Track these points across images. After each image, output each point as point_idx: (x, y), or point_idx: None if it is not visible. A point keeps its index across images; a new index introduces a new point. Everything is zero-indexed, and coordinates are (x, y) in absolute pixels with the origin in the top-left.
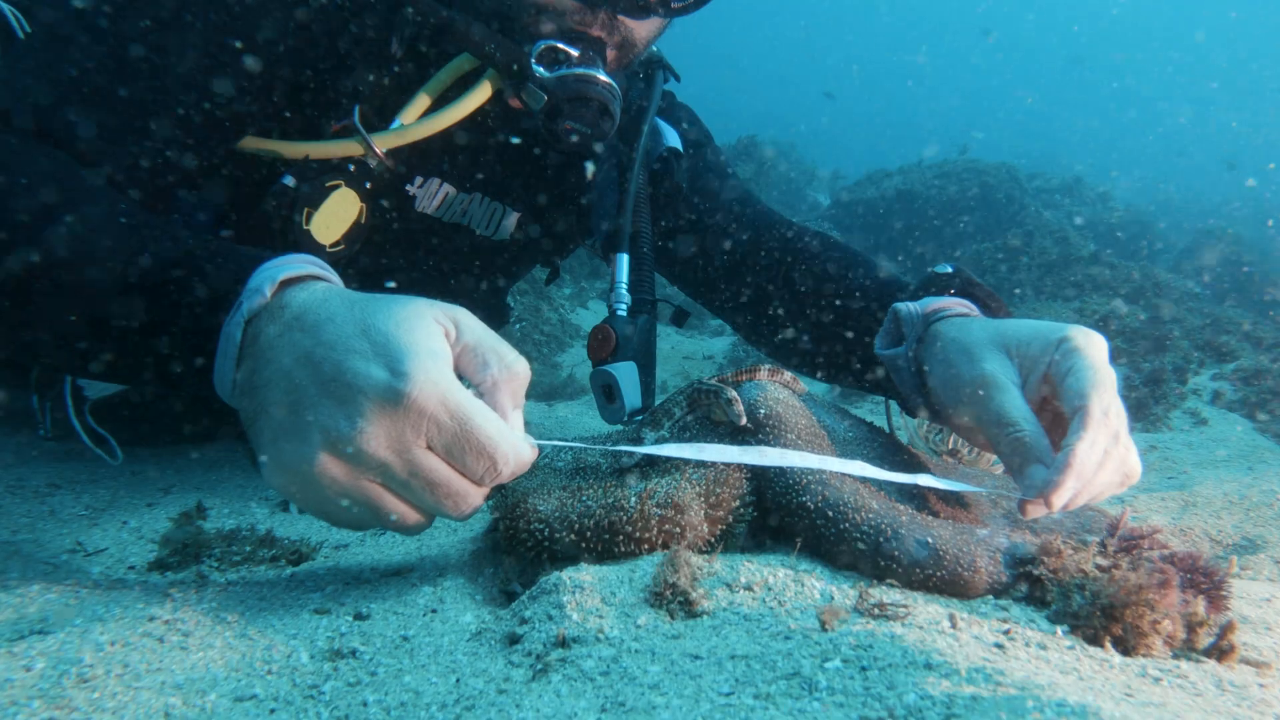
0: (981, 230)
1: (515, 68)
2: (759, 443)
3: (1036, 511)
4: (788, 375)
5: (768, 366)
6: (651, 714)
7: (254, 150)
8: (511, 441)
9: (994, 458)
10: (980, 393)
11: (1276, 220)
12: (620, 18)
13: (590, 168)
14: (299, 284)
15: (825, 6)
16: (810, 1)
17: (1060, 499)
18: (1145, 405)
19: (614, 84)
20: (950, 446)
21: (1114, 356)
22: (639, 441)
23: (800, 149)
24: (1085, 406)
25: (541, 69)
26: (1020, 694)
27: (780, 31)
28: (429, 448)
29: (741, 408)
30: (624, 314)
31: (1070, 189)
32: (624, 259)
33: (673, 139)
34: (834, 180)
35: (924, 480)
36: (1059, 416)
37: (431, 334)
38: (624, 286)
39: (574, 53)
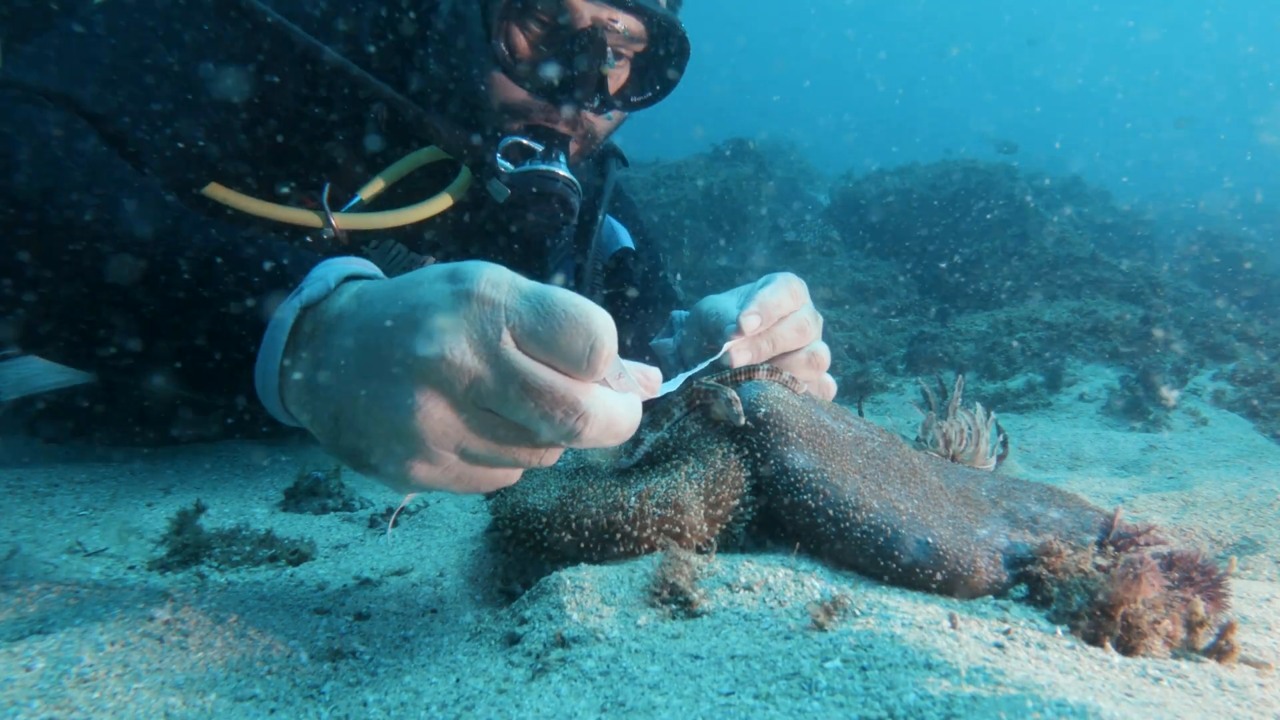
0: (981, 230)
1: (482, 164)
2: (759, 442)
3: (739, 350)
4: (787, 375)
5: (767, 366)
6: (651, 714)
7: (219, 200)
8: (603, 312)
9: (987, 451)
10: (703, 305)
11: (1275, 219)
12: (584, 113)
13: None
14: (357, 280)
15: (829, 8)
16: (813, 3)
17: (750, 321)
18: (1144, 405)
19: (574, 179)
20: (945, 446)
21: (1114, 356)
22: (638, 442)
23: (800, 149)
24: (772, 280)
25: (507, 163)
26: (1020, 694)
27: (781, 32)
28: (518, 347)
29: (741, 407)
30: None
31: (1069, 189)
32: None
33: (625, 238)
34: (834, 180)
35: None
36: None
37: None
38: None
39: (538, 148)
